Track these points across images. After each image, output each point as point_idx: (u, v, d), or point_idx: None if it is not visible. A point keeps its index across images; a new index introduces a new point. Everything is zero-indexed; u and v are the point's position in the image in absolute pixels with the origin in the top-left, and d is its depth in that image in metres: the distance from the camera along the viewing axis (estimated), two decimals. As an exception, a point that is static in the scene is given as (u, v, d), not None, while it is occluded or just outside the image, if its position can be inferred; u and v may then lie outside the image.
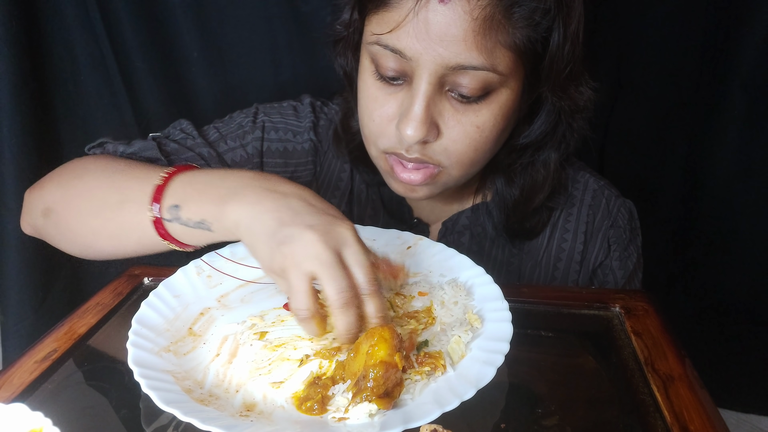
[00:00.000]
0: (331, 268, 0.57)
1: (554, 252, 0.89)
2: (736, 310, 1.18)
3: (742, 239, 1.14)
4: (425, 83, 0.70)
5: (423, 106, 0.70)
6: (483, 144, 0.75)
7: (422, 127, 0.71)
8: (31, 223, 0.82)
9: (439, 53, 0.68)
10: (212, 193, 0.67)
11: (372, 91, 0.75)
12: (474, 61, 0.68)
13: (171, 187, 0.69)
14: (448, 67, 0.68)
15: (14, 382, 0.58)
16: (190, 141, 0.88)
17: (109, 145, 0.85)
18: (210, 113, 1.20)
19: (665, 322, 0.67)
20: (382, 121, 0.75)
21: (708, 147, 1.13)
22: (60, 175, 0.80)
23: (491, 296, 0.65)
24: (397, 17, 0.69)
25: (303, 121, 0.93)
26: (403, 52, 0.69)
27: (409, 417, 0.50)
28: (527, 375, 0.60)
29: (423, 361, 0.57)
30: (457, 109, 0.72)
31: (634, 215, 0.92)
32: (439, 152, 0.74)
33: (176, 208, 0.68)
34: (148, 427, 0.54)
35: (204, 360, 0.60)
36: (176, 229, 0.69)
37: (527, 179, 0.85)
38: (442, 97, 0.72)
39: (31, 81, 1.08)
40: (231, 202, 0.64)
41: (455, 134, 0.73)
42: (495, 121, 0.73)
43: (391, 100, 0.74)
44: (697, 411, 0.54)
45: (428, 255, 0.75)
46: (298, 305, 0.59)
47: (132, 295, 0.74)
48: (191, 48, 1.14)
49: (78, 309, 0.71)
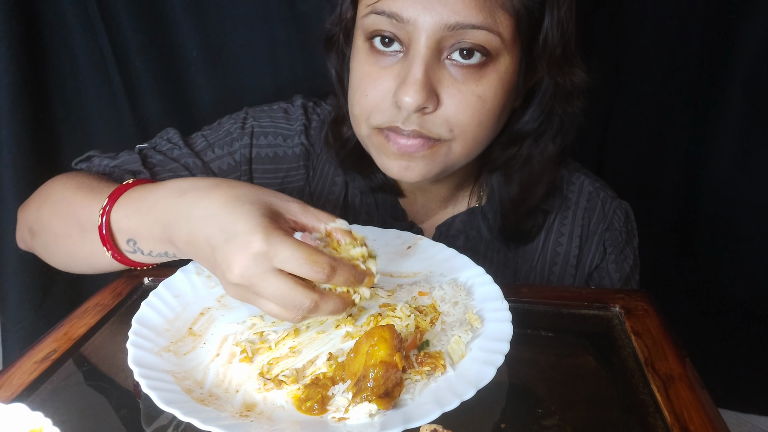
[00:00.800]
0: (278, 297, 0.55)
1: (549, 256, 0.88)
2: (736, 310, 1.18)
3: (742, 238, 1.14)
4: (424, 47, 0.68)
5: (422, 69, 0.68)
6: (486, 117, 0.73)
7: (422, 91, 0.68)
8: (22, 240, 0.83)
9: (436, 12, 0.67)
10: (153, 230, 0.65)
11: (365, 67, 0.74)
12: (473, 20, 0.67)
13: (114, 221, 0.67)
14: (446, 27, 0.67)
15: (14, 382, 0.58)
16: (176, 151, 0.87)
17: (95, 158, 0.85)
18: (209, 112, 1.20)
19: (665, 322, 0.67)
20: (377, 95, 0.73)
21: (708, 145, 1.13)
22: (38, 195, 0.80)
23: (491, 296, 0.65)
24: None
25: (294, 124, 0.91)
26: (400, 15, 0.68)
27: (409, 417, 0.50)
28: (527, 375, 0.60)
29: (423, 361, 0.57)
30: (456, 78, 0.70)
31: (630, 217, 0.91)
32: (440, 123, 0.72)
33: (133, 242, 0.68)
34: (148, 427, 0.54)
35: (204, 360, 0.60)
36: (141, 258, 0.69)
37: (525, 174, 0.83)
38: (441, 66, 0.70)
39: (31, 81, 1.08)
40: (173, 238, 0.63)
41: (457, 103, 0.71)
42: (496, 92, 0.72)
43: (385, 74, 0.72)
44: (697, 411, 0.54)
45: (428, 255, 0.75)
46: (291, 315, 0.57)
47: (132, 295, 0.74)
48: (190, 47, 1.14)
49: (77, 309, 0.71)
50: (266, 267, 0.55)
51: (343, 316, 0.63)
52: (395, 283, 0.72)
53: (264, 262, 0.55)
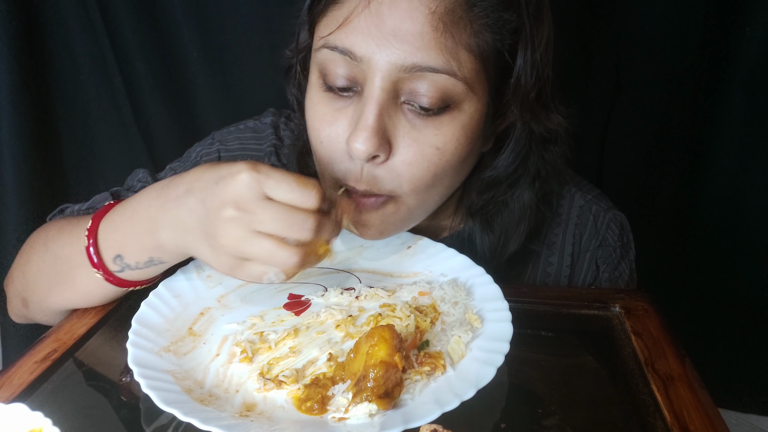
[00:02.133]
0: (272, 219, 0.55)
1: (540, 276, 0.84)
2: (736, 310, 1.18)
3: (743, 239, 1.14)
4: (378, 88, 0.62)
5: (375, 113, 0.62)
6: (442, 168, 0.66)
7: (373, 139, 0.62)
8: (17, 314, 0.81)
9: (392, 51, 0.60)
10: (139, 231, 0.64)
11: (319, 108, 0.68)
12: (432, 62, 0.61)
13: (101, 240, 0.66)
14: (402, 69, 0.61)
15: (14, 382, 0.58)
16: None
17: (68, 208, 0.82)
18: (209, 112, 1.20)
19: (665, 322, 0.67)
20: (331, 142, 0.67)
21: (708, 146, 1.13)
22: (18, 261, 0.78)
23: (491, 296, 0.65)
24: (346, 12, 0.62)
25: (263, 143, 0.86)
26: (353, 52, 0.62)
27: (409, 417, 0.50)
28: (527, 375, 0.60)
29: (423, 361, 0.57)
30: (413, 125, 0.64)
31: (625, 228, 0.86)
32: (392, 178, 0.66)
33: (119, 258, 0.65)
34: (148, 427, 0.54)
35: (204, 360, 0.60)
36: (130, 274, 0.67)
37: (503, 221, 0.78)
38: (397, 110, 0.64)
39: (31, 81, 1.08)
40: (159, 232, 0.62)
41: (410, 155, 0.65)
42: (457, 142, 0.65)
43: (340, 116, 0.66)
44: (697, 411, 0.54)
45: (428, 255, 0.75)
46: (282, 260, 0.56)
47: (132, 295, 0.74)
48: (191, 48, 1.14)
49: (78, 309, 0.71)
50: (259, 192, 0.55)
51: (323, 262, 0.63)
52: (395, 283, 0.72)
53: (256, 186, 0.55)
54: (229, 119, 0.95)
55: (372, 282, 0.72)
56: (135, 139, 1.21)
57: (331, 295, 0.68)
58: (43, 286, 0.73)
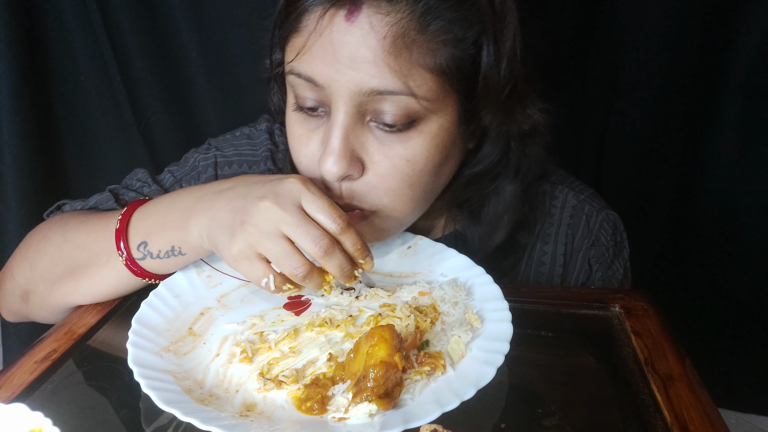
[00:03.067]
0: (297, 224, 0.59)
1: (532, 276, 0.84)
2: (736, 310, 1.18)
3: (742, 239, 1.14)
4: (342, 113, 0.64)
5: (340, 137, 0.64)
6: (418, 178, 0.68)
7: (341, 161, 0.64)
8: (12, 311, 0.80)
9: (350, 78, 0.62)
10: (171, 219, 0.67)
11: (296, 128, 0.70)
12: (389, 86, 0.61)
13: (131, 227, 0.69)
14: (362, 93, 0.62)
15: (14, 382, 0.58)
16: (146, 189, 0.85)
17: (66, 205, 0.82)
18: (209, 112, 1.20)
19: (665, 322, 0.67)
20: (309, 161, 0.69)
21: (706, 147, 1.13)
22: (24, 254, 0.77)
23: (491, 296, 0.65)
24: (303, 40, 0.64)
25: (258, 149, 0.87)
26: (314, 79, 0.64)
27: (409, 417, 0.50)
28: (527, 375, 0.60)
29: (423, 361, 0.57)
30: (382, 142, 0.66)
31: (618, 228, 0.86)
32: (368, 192, 0.68)
33: (144, 245, 0.68)
34: (148, 427, 0.54)
35: (204, 360, 0.60)
36: (150, 264, 0.69)
37: (487, 214, 0.78)
38: (364, 128, 0.66)
39: (31, 81, 1.08)
40: (190, 220, 0.65)
41: (383, 169, 0.66)
42: (428, 153, 0.67)
43: (313, 137, 0.68)
44: (697, 411, 0.54)
45: (428, 255, 0.75)
46: (292, 265, 0.59)
47: (132, 295, 0.74)
48: (190, 48, 1.14)
49: (78, 309, 0.71)
50: (297, 198, 0.60)
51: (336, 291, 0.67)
52: (395, 283, 0.72)
53: (298, 192, 0.60)
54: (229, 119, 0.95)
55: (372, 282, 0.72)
56: (135, 139, 1.21)
57: (331, 295, 0.68)
58: (53, 277, 0.73)
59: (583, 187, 0.88)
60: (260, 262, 0.61)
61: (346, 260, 0.61)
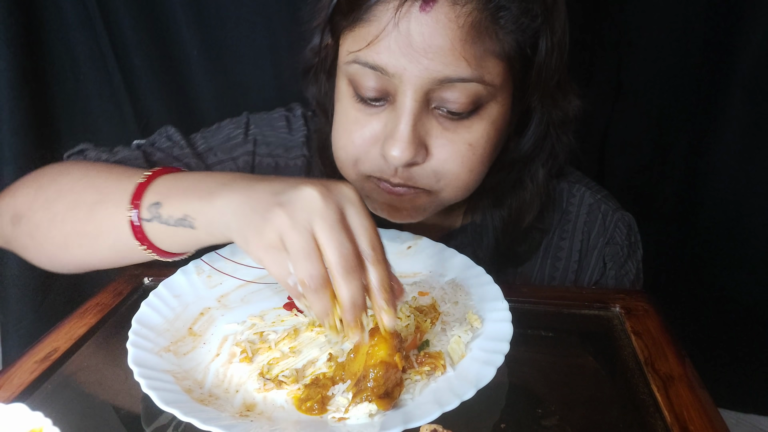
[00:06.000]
0: (335, 228, 0.51)
1: (548, 271, 0.86)
2: (736, 310, 1.18)
3: (743, 240, 1.14)
4: (411, 100, 0.65)
5: (410, 125, 0.66)
6: (477, 164, 0.70)
7: (410, 148, 0.66)
8: None
9: (424, 66, 0.63)
10: (199, 187, 0.62)
11: (352, 113, 0.70)
12: (462, 73, 0.64)
13: (154, 185, 0.65)
14: (434, 81, 0.64)
15: (14, 382, 0.58)
16: (177, 150, 0.84)
17: (90, 152, 0.81)
18: (209, 112, 1.20)
19: (665, 322, 0.67)
20: (364, 143, 0.70)
21: (709, 148, 1.13)
22: (34, 179, 0.74)
23: (491, 296, 0.65)
24: (375, 31, 0.64)
25: (295, 134, 0.87)
26: (385, 68, 0.65)
27: (409, 417, 0.50)
28: (527, 375, 0.60)
29: (423, 361, 0.57)
30: (446, 128, 0.68)
31: (633, 229, 0.87)
32: (428, 175, 0.70)
33: (157, 205, 0.63)
34: (148, 427, 0.54)
35: (204, 360, 0.60)
36: (155, 230, 0.64)
37: (515, 199, 0.81)
38: (429, 115, 0.67)
39: (31, 80, 1.08)
40: (220, 193, 0.59)
41: (446, 154, 0.68)
42: (488, 137, 0.69)
43: (373, 120, 0.69)
44: (697, 411, 0.54)
45: (428, 255, 0.75)
46: (308, 268, 0.50)
47: (132, 295, 0.74)
48: (191, 47, 1.14)
49: (78, 309, 0.71)
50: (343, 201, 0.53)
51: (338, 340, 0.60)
52: (395, 283, 0.72)
53: (347, 197, 0.54)
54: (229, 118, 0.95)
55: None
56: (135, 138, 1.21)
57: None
58: (54, 209, 0.69)
59: (598, 188, 0.90)
60: (287, 256, 0.53)
61: (362, 295, 0.52)
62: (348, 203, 0.53)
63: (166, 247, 0.66)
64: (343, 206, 0.53)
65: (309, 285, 0.51)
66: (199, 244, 0.65)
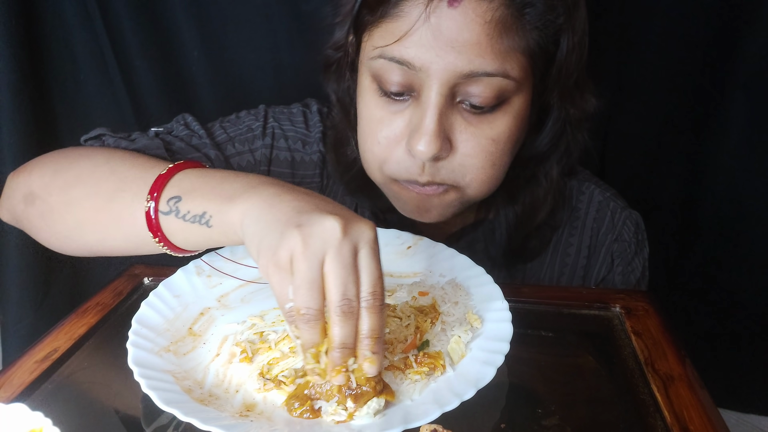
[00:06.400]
0: (345, 267, 0.51)
1: (558, 267, 0.87)
2: (736, 310, 1.18)
3: (744, 239, 1.14)
4: (436, 94, 0.66)
5: (435, 118, 0.67)
6: (499, 158, 0.72)
7: (436, 141, 0.67)
8: (10, 209, 0.75)
9: (450, 60, 0.64)
10: (223, 187, 0.61)
11: (375, 111, 0.72)
12: (488, 67, 0.65)
13: (177, 179, 0.64)
14: (460, 75, 0.65)
15: (14, 382, 0.58)
16: (195, 139, 0.83)
17: (108, 138, 0.79)
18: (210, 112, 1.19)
19: (665, 322, 0.67)
20: (390, 142, 0.71)
21: (710, 148, 1.13)
22: (52, 159, 0.74)
23: (491, 296, 0.65)
24: (403, 26, 0.65)
25: (313, 130, 0.88)
26: (412, 63, 0.66)
27: (409, 417, 0.50)
28: (527, 375, 0.60)
29: (423, 361, 0.57)
30: (470, 122, 0.69)
31: (640, 227, 0.89)
32: (453, 170, 0.71)
33: (177, 199, 0.62)
34: (148, 427, 0.54)
35: (204, 360, 0.60)
36: (170, 224, 0.63)
37: (528, 195, 0.82)
38: (453, 110, 0.69)
39: (31, 80, 1.08)
40: (243, 195, 0.58)
41: (470, 148, 0.70)
42: (510, 133, 0.71)
43: (397, 118, 0.70)
44: (697, 411, 0.54)
45: (428, 255, 0.75)
46: (307, 299, 0.50)
47: (132, 295, 0.74)
48: (191, 47, 1.14)
49: (78, 309, 0.71)
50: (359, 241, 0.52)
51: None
52: (395, 283, 0.72)
53: (364, 236, 0.53)
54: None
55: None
56: (135, 134, 1.21)
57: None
58: (71, 194, 0.68)
59: (606, 186, 0.91)
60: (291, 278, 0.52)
61: (353, 339, 0.51)
62: (363, 243, 0.53)
63: (178, 242, 0.65)
64: (358, 244, 0.52)
65: (304, 315, 0.51)
66: (210, 243, 0.65)
